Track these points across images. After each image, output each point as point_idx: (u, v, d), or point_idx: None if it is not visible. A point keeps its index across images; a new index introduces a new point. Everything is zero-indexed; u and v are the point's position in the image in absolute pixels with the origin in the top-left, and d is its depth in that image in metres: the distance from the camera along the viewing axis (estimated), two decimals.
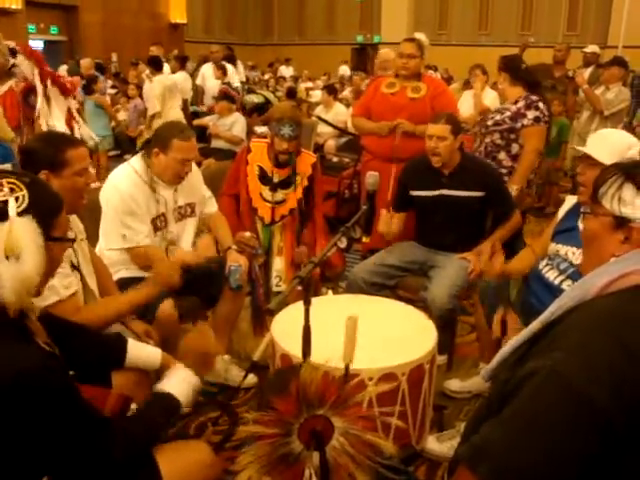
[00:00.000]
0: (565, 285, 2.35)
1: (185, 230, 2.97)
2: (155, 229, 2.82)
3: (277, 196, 3.31)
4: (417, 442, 2.40)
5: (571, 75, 6.15)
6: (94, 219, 2.75)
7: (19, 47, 4.41)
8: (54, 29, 17.03)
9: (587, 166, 2.37)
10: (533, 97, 3.70)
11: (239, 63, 10.08)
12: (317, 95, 10.76)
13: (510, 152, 3.65)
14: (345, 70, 16.42)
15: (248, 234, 3.23)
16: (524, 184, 3.69)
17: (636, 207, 1.25)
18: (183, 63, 8.55)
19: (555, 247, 2.52)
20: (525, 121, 3.58)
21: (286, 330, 2.31)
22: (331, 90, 7.61)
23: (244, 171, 3.34)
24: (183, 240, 2.96)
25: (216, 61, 8.93)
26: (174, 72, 8.07)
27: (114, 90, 10.05)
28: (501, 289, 2.61)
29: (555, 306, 1.27)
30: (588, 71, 6.81)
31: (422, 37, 3.96)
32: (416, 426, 2.34)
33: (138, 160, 2.83)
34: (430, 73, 8.88)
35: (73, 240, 1.71)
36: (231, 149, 5.96)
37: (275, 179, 3.29)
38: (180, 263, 2.45)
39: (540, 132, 3.71)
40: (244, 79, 10.58)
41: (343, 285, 3.61)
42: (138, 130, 7.56)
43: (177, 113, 6.57)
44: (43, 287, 1.49)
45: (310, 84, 13.90)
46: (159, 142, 2.76)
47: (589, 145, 2.46)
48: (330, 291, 3.19)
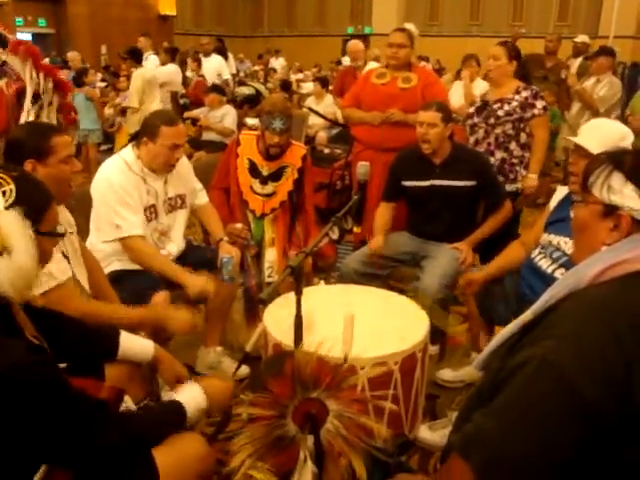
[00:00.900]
0: (558, 274, 2.36)
1: (176, 222, 2.96)
2: (146, 220, 2.80)
3: (267, 189, 3.30)
4: (410, 431, 2.41)
5: (564, 77, 6.14)
6: (85, 213, 2.74)
7: (10, 41, 4.33)
8: (42, 22, 16.89)
9: (579, 157, 2.37)
10: (533, 87, 3.71)
11: (230, 56, 10.05)
12: (308, 87, 10.73)
13: (519, 141, 3.63)
14: (347, 61, 16.36)
15: (239, 225, 3.22)
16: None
17: (625, 195, 1.25)
18: (173, 55, 8.48)
19: (548, 237, 2.52)
20: (536, 111, 3.57)
21: (278, 320, 2.32)
22: (323, 82, 7.58)
23: (234, 164, 3.33)
24: (174, 232, 2.95)
25: (207, 53, 8.89)
26: (164, 64, 8.01)
27: (104, 83, 9.97)
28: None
29: (547, 295, 1.27)
30: (577, 62, 6.81)
31: (412, 27, 3.96)
32: (409, 415, 2.35)
33: (129, 151, 2.82)
34: (423, 64, 8.89)
35: (62, 235, 1.70)
36: (222, 141, 5.93)
37: (265, 172, 3.28)
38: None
39: (548, 121, 3.81)
40: (234, 71, 10.54)
41: (335, 276, 3.62)
42: (117, 124, 7.49)
43: (157, 106, 6.51)
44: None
45: (301, 76, 13.85)
46: (147, 131, 2.76)
47: (581, 135, 2.46)
48: (322, 281, 3.20)
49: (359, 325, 1.90)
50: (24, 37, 15.06)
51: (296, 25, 23.74)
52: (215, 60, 8.85)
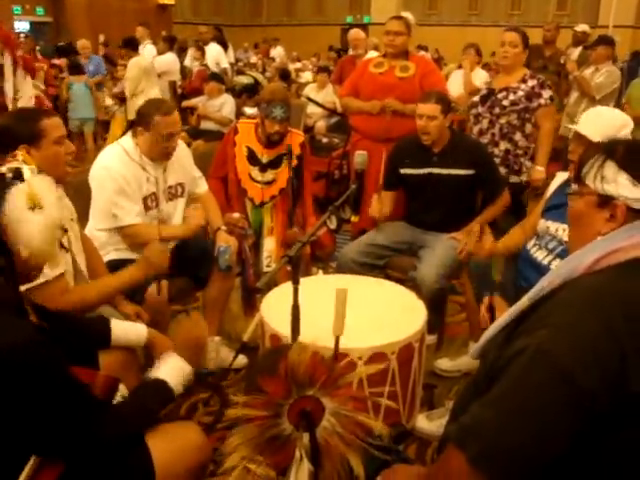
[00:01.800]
0: (554, 264, 2.36)
1: (176, 210, 2.96)
2: (146, 208, 2.80)
3: (267, 176, 3.29)
4: (407, 421, 2.41)
5: (562, 62, 6.11)
6: (83, 201, 2.73)
7: None
8: (40, 10, 16.80)
9: (579, 144, 2.37)
10: (540, 75, 3.67)
11: (229, 45, 9.99)
12: (307, 76, 10.71)
13: (524, 132, 3.58)
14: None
15: (237, 215, 3.21)
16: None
17: (619, 184, 1.25)
18: (171, 44, 8.44)
19: (545, 224, 2.51)
20: (542, 101, 3.52)
21: (275, 310, 2.31)
22: (325, 71, 7.53)
23: (232, 152, 3.31)
24: (174, 220, 2.95)
25: (205, 42, 8.85)
26: (162, 53, 7.97)
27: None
28: (489, 271, 2.63)
29: (543, 283, 1.26)
30: (577, 51, 6.78)
31: (409, 15, 3.94)
32: (406, 405, 2.35)
33: (127, 139, 2.81)
34: (422, 54, 8.84)
35: None
36: (220, 130, 5.90)
37: (264, 159, 3.27)
38: (170, 238, 2.43)
39: (554, 111, 3.76)
40: (233, 60, 10.48)
41: (333, 265, 3.61)
42: (111, 113, 7.46)
43: (155, 94, 6.49)
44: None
45: (299, 65, 13.81)
46: (142, 121, 2.75)
47: (581, 123, 2.45)
48: (320, 271, 3.19)
49: (356, 314, 1.89)
50: (21, 26, 15.03)
51: (295, 14, 23.65)
52: (214, 49, 8.80)
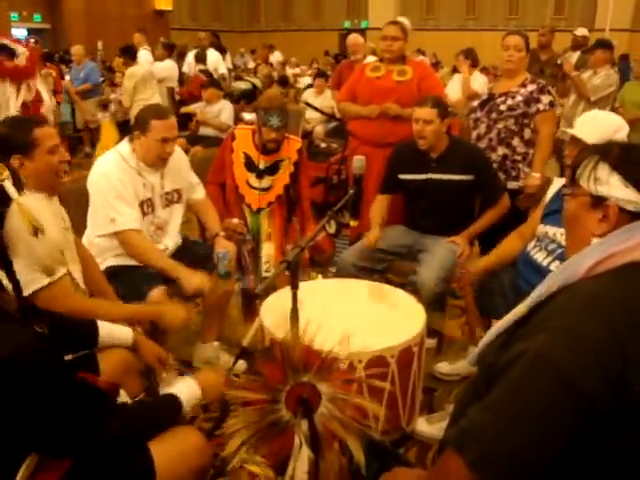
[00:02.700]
0: (553, 266, 2.36)
1: (172, 216, 2.97)
2: (142, 214, 2.80)
3: (264, 182, 3.30)
4: (407, 424, 2.41)
5: (559, 62, 6.12)
6: (81, 209, 2.74)
7: None
8: (37, 17, 16.84)
9: (575, 148, 2.37)
10: (540, 80, 3.64)
11: (227, 51, 10.02)
12: (305, 82, 10.70)
13: (523, 137, 3.54)
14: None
15: (236, 220, 3.22)
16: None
17: (611, 185, 1.26)
18: (170, 51, 8.46)
19: (544, 229, 2.53)
20: (541, 106, 3.47)
21: (275, 315, 2.31)
22: (323, 76, 7.55)
23: (229, 159, 3.32)
24: (170, 226, 2.96)
25: (204, 48, 8.87)
26: (161, 60, 7.98)
27: (100, 79, 9.93)
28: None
29: (541, 289, 1.26)
30: (575, 55, 6.79)
31: (405, 21, 3.94)
32: (406, 408, 2.35)
33: (125, 145, 2.82)
34: (421, 58, 8.86)
35: None
36: (219, 136, 5.91)
37: (261, 166, 3.28)
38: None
39: (554, 117, 3.69)
40: (231, 66, 10.50)
41: (333, 270, 3.62)
42: (97, 121, 7.51)
43: (156, 100, 6.52)
44: None
45: (298, 70, 13.84)
46: (138, 125, 2.77)
47: (577, 127, 2.46)
48: (320, 276, 3.19)
49: (356, 319, 1.90)
50: (19, 33, 15.03)
51: (293, 19, 23.70)
52: (212, 55, 8.82)
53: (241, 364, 2.91)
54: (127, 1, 18.30)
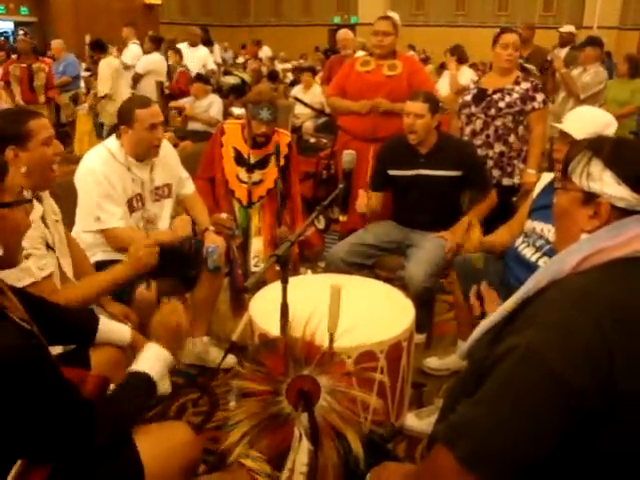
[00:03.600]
0: (541, 262, 2.38)
1: (163, 210, 2.96)
2: (131, 210, 2.79)
3: (254, 177, 3.29)
4: (396, 419, 2.41)
5: (550, 59, 6.13)
6: (70, 202, 2.72)
7: None
8: (24, 10, 16.69)
9: (564, 144, 2.38)
10: (532, 78, 3.67)
11: (216, 45, 9.97)
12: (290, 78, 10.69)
13: (518, 134, 3.58)
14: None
15: (225, 215, 3.21)
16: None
17: (604, 182, 1.25)
18: (158, 44, 8.40)
19: (532, 224, 2.54)
20: (536, 104, 3.52)
21: (264, 309, 2.31)
22: (310, 71, 7.55)
23: (219, 153, 3.31)
24: (161, 221, 2.94)
25: (194, 44, 8.81)
26: (149, 53, 7.93)
27: (88, 73, 9.84)
28: (472, 264, 2.65)
29: (529, 284, 1.27)
30: (564, 52, 6.82)
31: (395, 16, 3.95)
32: (395, 403, 2.36)
33: (113, 141, 2.80)
34: (411, 53, 8.87)
35: (30, 200, 1.70)
36: (208, 131, 5.88)
37: (251, 160, 3.27)
38: (156, 242, 2.42)
39: (547, 114, 3.75)
40: (219, 61, 10.44)
41: (322, 265, 3.62)
42: (73, 115, 7.45)
43: (127, 94, 6.55)
44: (18, 255, 1.48)
45: (288, 65, 13.80)
46: (123, 118, 2.75)
47: (566, 122, 2.47)
48: (309, 271, 3.19)
49: (345, 314, 1.90)
50: (5, 25, 14.90)
51: (282, 14, 23.64)
52: (201, 50, 8.77)
53: (230, 359, 2.92)
54: None
